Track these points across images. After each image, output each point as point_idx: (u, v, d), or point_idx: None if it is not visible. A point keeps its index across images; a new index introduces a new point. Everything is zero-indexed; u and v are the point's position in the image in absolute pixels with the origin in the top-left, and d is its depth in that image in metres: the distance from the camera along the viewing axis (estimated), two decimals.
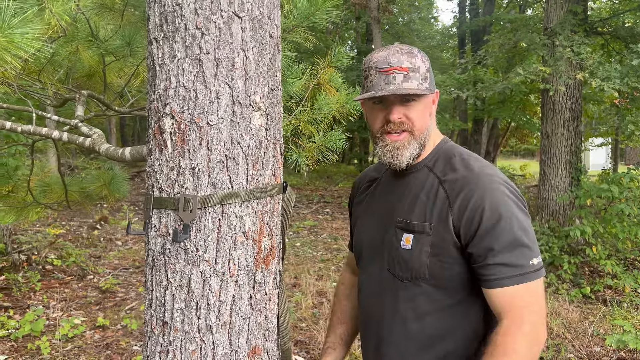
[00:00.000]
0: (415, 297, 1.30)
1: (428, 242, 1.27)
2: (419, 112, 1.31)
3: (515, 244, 1.20)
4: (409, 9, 21.57)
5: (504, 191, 1.24)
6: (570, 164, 7.13)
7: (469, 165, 1.29)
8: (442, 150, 1.37)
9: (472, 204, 1.22)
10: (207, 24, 1.14)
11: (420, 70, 1.29)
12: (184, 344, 1.19)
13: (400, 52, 1.29)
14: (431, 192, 1.30)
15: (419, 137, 1.32)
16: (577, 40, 6.36)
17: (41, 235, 7.64)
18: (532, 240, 1.23)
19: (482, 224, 1.21)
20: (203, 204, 1.15)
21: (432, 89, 1.31)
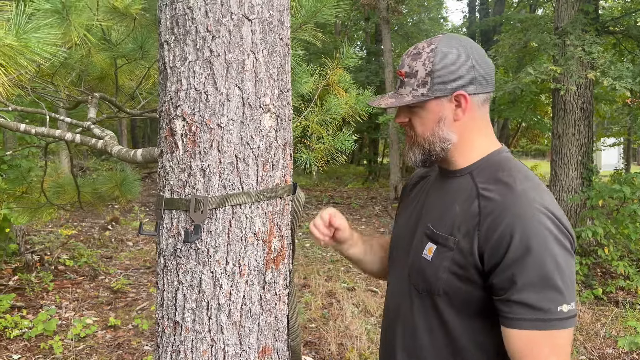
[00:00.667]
0: (428, 309, 1.23)
1: (449, 258, 1.17)
2: (421, 117, 1.22)
3: (543, 283, 1.04)
4: (419, 9, 21.53)
5: (542, 220, 1.07)
6: (581, 165, 7.08)
7: (512, 183, 1.14)
8: (492, 161, 1.23)
9: (502, 229, 1.08)
10: (218, 27, 1.15)
11: (418, 75, 1.19)
12: (195, 343, 1.20)
13: (410, 53, 1.23)
14: (466, 204, 1.18)
15: (422, 144, 1.24)
16: (588, 40, 6.31)
17: (54, 236, 7.72)
18: (567, 283, 1.06)
19: (508, 254, 1.07)
20: (214, 205, 1.16)
21: (434, 93, 1.18)
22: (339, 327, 4.57)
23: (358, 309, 5.07)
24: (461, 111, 1.20)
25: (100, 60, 1.87)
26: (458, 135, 1.22)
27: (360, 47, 23.07)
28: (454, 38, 1.21)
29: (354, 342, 4.25)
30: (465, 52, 1.18)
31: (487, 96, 1.23)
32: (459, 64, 1.18)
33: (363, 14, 19.15)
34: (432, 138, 1.22)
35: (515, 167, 1.20)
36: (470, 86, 1.19)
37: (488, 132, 1.26)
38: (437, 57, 1.18)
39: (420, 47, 1.21)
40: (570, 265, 1.08)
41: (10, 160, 5.29)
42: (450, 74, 1.17)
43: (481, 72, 1.19)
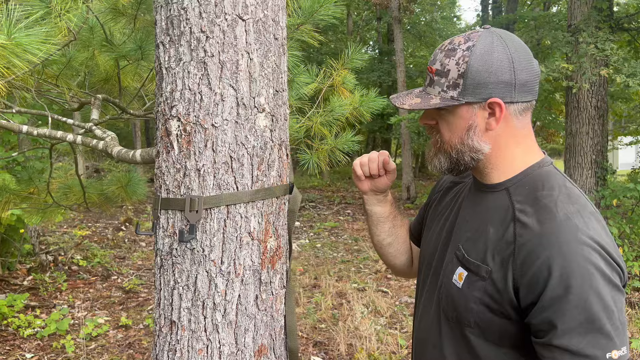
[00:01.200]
0: (458, 338, 1.13)
1: (481, 288, 1.05)
2: (449, 123, 1.10)
3: (588, 327, 0.92)
4: (431, 8, 21.44)
5: (587, 255, 0.93)
6: (595, 164, 6.98)
7: (552, 207, 1.00)
8: (533, 176, 1.09)
9: (539, 264, 0.95)
10: (212, 27, 1.16)
11: (450, 75, 1.06)
12: (191, 342, 1.20)
13: (442, 48, 1.10)
14: (501, 227, 1.05)
15: (448, 152, 1.12)
16: (601, 37, 6.22)
17: (68, 236, 7.82)
18: (616, 325, 0.93)
19: (545, 293, 0.94)
20: (208, 204, 1.17)
21: (464, 98, 1.05)
22: (348, 328, 4.56)
23: (368, 310, 5.06)
24: (494, 121, 1.06)
25: (103, 62, 1.90)
26: (492, 145, 1.09)
27: (373, 47, 23.03)
28: (496, 35, 1.07)
29: (364, 343, 4.24)
30: (506, 54, 1.04)
31: (528, 105, 1.09)
32: (497, 68, 1.03)
33: (375, 13, 19.12)
34: (460, 147, 1.10)
35: (558, 184, 1.06)
36: (508, 94, 1.05)
37: (528, 143, 1.12)
38: (473, 57, 1.04)
39: (456, 42, 1.08)
40: (619, 304, 0.95)
41: (25, 162, 5.37)
42: (486, 79, 1.03)
43: (522, 78, 1.05)
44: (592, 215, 1.00)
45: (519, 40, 1.10)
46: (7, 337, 4.31)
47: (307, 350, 4.22)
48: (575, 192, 1.06)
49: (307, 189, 15.42)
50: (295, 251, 7.71)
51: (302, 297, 5.40)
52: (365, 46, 22.10)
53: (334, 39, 19.66)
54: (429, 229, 1.35)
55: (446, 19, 22.89)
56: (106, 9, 1.56)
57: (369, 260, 7.03)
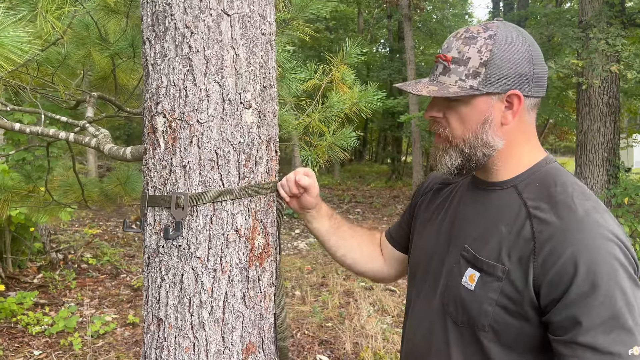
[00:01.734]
0: (468, 344, 1.08)
1: (497, 288, 1.01)
2: (462, 115, 1.05)
3: (613, 323, 0.90)
4: (442, 5, 21.30)
5: (612, 251, 0.92)
6: (607, 161, 6.88)
7: (572, 204, 0.98)
8: (541, 173, 1.07)
9: (564, 261, 0.93)
10: (196, 23, 1.15)
11: (470, 63, 1.01)
12: (177, 340, 1.20)
13: (461, 35, 1.05)
14: (515, 225, 1.02)
15: (460, 147, 1.07)
16: (612, 33, 6.13)
17: (79, 235, 7.90)
18: (637, 321, 0.91)
19: (571, 289, 0.92)
20: (194, 201, 1.16)
21: (486, 88, 1.01)
22: (354, 327, 4.55)
23: (374, 308, 5.03)
24: (511, 114, 1.03)
25: (99, 60, 1.90)
26: (504, 141, 1.06)
27: (383, 45, 22.95)
28: (514, 27, 1.05)
29: (369, 342, 4.22)
30: (526, 46, 1.02)
31: (538, 101, 1.08)
32: (518, 58, 1.01)
33: (386, 11, 19.05)
34: (473, 141, 1.05)
35: (569, 181, 1.04)
36: (526, 87, 1.02)
37: (534, 140, 1.10)
38: (497, 46, 1.00)
39: (473, 30, 1.04)
40: (639, 299, 0.93)
41: (33, 161, 5.43)
42: (509, 69, 1.00)
43: (539, 72, 1.03)
44: (605, 211, 0.99)
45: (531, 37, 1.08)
46: (16, 334, 4.36)
47: (313, 348, 4.21)
48: (587, 189, 1.04)
49: None
50: (303, 250, 7.70)
51: (309, 296, 5.39)
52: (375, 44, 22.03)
53: (345, 37, 19.62)
54: (420, 235, 1.30)
55: (457, 16, 22.71)
56: (98, 6, 1.56)
57: None
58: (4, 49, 0.97)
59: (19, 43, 1.02)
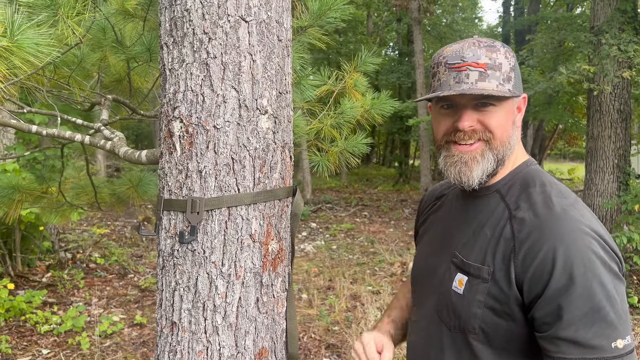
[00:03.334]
0: (462, 350, 1.09)
1: (483, 290, 1.03)
2: (499, 119, 1.06)
3: (593, 316, 0.91)
4: (452, 9, 21.27)
5: (589, 244, 0.94)
6: (618, 168, 6.84)
7: (549, 202, 1.00)
8: (522, 175, 1.10)
9: (542, 256, 0.95)
10: (214, 29, 1.16)
11: (503, 68, 1.04)
12: (191, 344, 1.20)
13: (478, 45, 1.06)
14: (497, 227, 1.05)
15: (498, 150, 1.07)
16: (624, 39, 6.09)
17: (87, 234, 7.94)
18: (620, 314, 0.92)
19: (550, 284, 0.94)
20: (209, 206, 1.16)
21: (517, 91, 1.06)
22: (361, 331, 4.54)
23: (381, 313, 5.02)
24: (520, 117, 1.10)
25: (115, 63, 1.92)
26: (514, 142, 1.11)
27: (392, 48, 22.94)
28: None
29: None
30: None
31: None
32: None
33: (395, 15, 19.05)
34: (507, 142, 1.08)
35: (548, 181, 1.07)
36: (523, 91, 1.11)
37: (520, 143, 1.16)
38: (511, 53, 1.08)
39: (484, 41, 1.07)
40: (621, 292, 0.94)
41: (45, 161, 5.47)
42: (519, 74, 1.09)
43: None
44: (584, 208, 1.02)
45: None
46: (24, 332, 4.39)
47: (320, 352, 4.21)
48: (565, 188, 1.07)
49: (324, 190, 15.41)
50: (310, 252, 7.70)
51: (315, 299, 5.39)
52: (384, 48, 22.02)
53: (353, 40, 19.64)
54: (418, 249, 1.35)
55: (467, 20, 22.68)
56: (116, 10, 1.58)
57: (385, 263, 6.99)
58: (23, 51, 0.98)
59: (37, 46, 1.03)
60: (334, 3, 1.74)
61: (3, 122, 1.61)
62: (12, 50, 0.96)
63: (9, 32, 0.98)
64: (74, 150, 5.72)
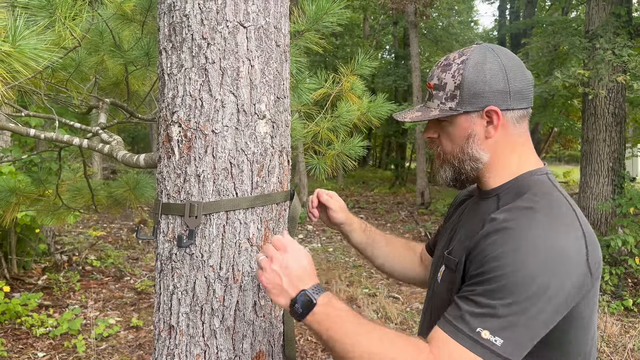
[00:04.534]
0: None
1: (453, 279, 1.10)
2: (449, 133, 1.14)
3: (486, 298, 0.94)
4: (449, 13, 21.34)
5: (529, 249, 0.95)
6: (612, 171, 6.88)
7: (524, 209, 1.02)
8: (522, 183, 1.12)
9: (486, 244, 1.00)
10: (213, 34, 1.17)
11: (447, 87, 1.11)
12: (189, 347, 1.21)
13: (439, 65, 1.15)
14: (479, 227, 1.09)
15: (451, 162, 1.15)
16: (619, 43, 6.13)
17: (83, 237, 7.92)
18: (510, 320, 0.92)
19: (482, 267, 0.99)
20: (207, 210, 1.17)
21: (462, 108, 1.09)
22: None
23: (378, 316, 5.03)
24: (493, 128, 1.10)
25: (113, 66, 1.92)
26: (490, 153, 1.13)
27: (389, 51, 22.99)
28: (489, 49, 1.12)
29: None
30: (499, 64, 1.09)
31: (525, 112, 1.13)
32: (491, 77, 1.08)
33: (391, 18, 19.09)
34: (461, 155, 1.14)
35: (543, 191, 1.07)
36: (504, 101, 1.09)
37: (525, 151, 1.15)
38: (468, 69, 1.09)
39: (451, 57, 1.14)
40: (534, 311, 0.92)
41: (41, 163, 5.46)
42: (482, 88, 1.08)
43: (517, 86, 1.09)
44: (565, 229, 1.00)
45: (511, 52, 1.16)
46: (20, 335, 4.37)
47: (316, 354, 4.21)
48: (558, 203, 1.05)
49: None
50: None
51: None
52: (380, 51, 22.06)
53: (350, 43, 19.67)
54: (439, 244, 1.38)
55: (463, 24, 22.76)
56: (114, 14, 1.58)
57: None
58: (24, 56, 0.99)
59: (37, 50, 1.04)
60: (330, 7, 1.76)
61: (1, 126, 1.61)
62: (14, 55, 0.97)
63: (10, 37, 0.99)
64: (71, 152, 5.72)
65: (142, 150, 21.02)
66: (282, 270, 1.03)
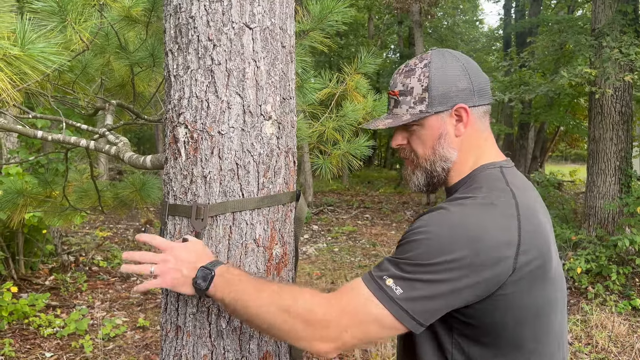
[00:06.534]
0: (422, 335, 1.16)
1: None
2: (420, 137, 1.16)
3: (402, 251, 1.02)
4: (453, 12, 21.28)
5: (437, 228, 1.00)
6: (619, 170, 6.83)
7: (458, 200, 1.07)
8: (475, 176, 1.15)
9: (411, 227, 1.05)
10: (219, 36, 1.17)
11: (414, 92, 1.13)
12: (196, 348, 1.21)
13: (400, 72, 1.18)
14: None
15: (424, 166, 1.18)
16: (626, 41, 6.09)
17: (90, 237, 7.95)
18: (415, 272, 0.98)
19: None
20: (214, 212, 1.17)
21: (432, 109, 1.12)
22: None
23: None
24: (462, 125, 1.14)
25: (119, 68, 1.93)
26: (458, 151, 1.16)
27: (394, 51, 22.96)
28: (446, 51, 1.17)
29: (379, 349, 4.22)
30: (459, 64, 1.14)
31: (487, 108, 1.18)
32: (455, 77, 1.13)
33: (396, 17, 19.07)
34: (432, 157, 1.16)
35: (488, 185, 1.10)
36: (470, 98, 1.13)
37: (487, 146, 1.18)
38: (432, 71, 1.13)
39: (411, 63, 1.17)
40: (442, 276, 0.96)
41: (48, 164, 5.49)
42: (449, 87, 1.12)
43: (478, 83, 1.15)
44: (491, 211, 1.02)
45: (464, 54, 1.21)
46: (27, 336, 4.40)
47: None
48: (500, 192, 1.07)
49: (325, 192, 15.42)
50: (312, 255, 7.70)
51: None
52: (385, 50, 22.03)
53: (355, 43, 19.66)
54: None
55: (468, 23, 22.70)
56: (119, 16, 1.59)
57: None
58: (33, 59, 0.99)
59: (46, 54, 1.05)
60: (335, 6, 1.76)
61: (9, 128, 1.62)
62: (23, 58, 0.98)
63: (20, 41, 1.00)
64: (77, 153, 5.74)
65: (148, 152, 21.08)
66: (178, 263, 1.10)
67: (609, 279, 5.73)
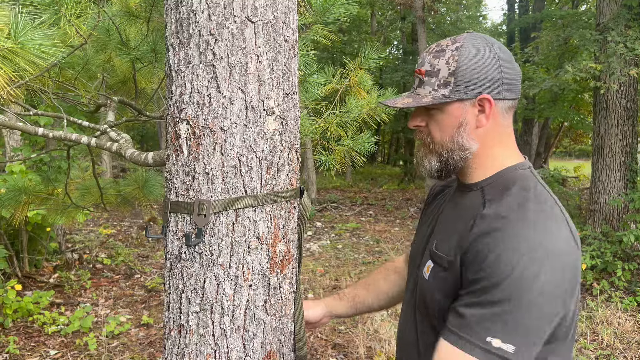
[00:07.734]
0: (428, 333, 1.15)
1: (443, 277, 1.08)
2: (439, 122, 1.11)
3: (493, 307, 0.93)
4: (456, 7, 21.19)
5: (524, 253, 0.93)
6: (624, 166, 6.79)
7: (514, 205, 1.01)
8: (507, 176, 1.10)
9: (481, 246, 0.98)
10: (221, 30, 1.15)
11: (440, 74, 1.08)
12: (199, 347, 1.20)
13: (430, 51, 1.12)
14: (468, 221, 1.07)
15: (439, 152, 1.13)
16: (631, 36, 6.04)
17: (94, 235, 7.97)
18: (521, 323, 0.91)
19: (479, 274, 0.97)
20: (216, 208, 1.16)
21: (455, 95, 1.07)
22: (368, 330, 4.53)
23: (388, 312, 5.01)
24: (484, 117, 1.08)
25: (120, 64, 1.92)
26: (480, 144, 1.11)
27: (397, 47, 22.89)
28: (481, 37, 1.11)
29: (383, 346, 4.21)
30: (492, 53, 1.08)
31: (513, 103, 1.12)
32: (485, 65, 1.07)
33: (399, 13, 19.01)
34: (450, 145, 1.11)
35: (530, 186, 1.06)
36: (496, 90, 1.08)
37: (509, 143, 1.14)
38: (463, 56, 1.07)
39: (443, 44, 1.11)
40: (547, 313, 0.93)
41: (51, 162, 5.48)
42: (476, 75, 1.06)
43: (509, 75, 1.09)
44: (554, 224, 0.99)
45: (499, 42, 1.14)
46: (32, 333, 4.41)
47: (326, 352, 4.20)
48: (543, 198, 1.05)
49: (329, 189, 15.40)
50: (316, 252, 7.69)
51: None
52: (388, 46, 21.97)
53: (357, 39, 19.60)
54: (417, 234, 1.38)
55: (471, 18, 22.59)
56: (119, 11, 1.57)
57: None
58: (27, 52, 0.98)
59: (42, 47, 1.03)
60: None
61: (11, 125, 1.61)
62: (17, 51, 0.96)
63: (13, 33, 0.98)
64: (80, 151, 5.74)
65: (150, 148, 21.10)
66: None
67: (614, 275, 5.71)
